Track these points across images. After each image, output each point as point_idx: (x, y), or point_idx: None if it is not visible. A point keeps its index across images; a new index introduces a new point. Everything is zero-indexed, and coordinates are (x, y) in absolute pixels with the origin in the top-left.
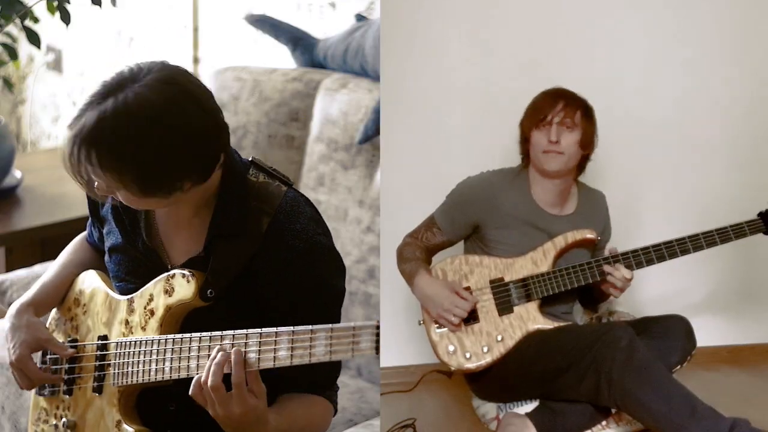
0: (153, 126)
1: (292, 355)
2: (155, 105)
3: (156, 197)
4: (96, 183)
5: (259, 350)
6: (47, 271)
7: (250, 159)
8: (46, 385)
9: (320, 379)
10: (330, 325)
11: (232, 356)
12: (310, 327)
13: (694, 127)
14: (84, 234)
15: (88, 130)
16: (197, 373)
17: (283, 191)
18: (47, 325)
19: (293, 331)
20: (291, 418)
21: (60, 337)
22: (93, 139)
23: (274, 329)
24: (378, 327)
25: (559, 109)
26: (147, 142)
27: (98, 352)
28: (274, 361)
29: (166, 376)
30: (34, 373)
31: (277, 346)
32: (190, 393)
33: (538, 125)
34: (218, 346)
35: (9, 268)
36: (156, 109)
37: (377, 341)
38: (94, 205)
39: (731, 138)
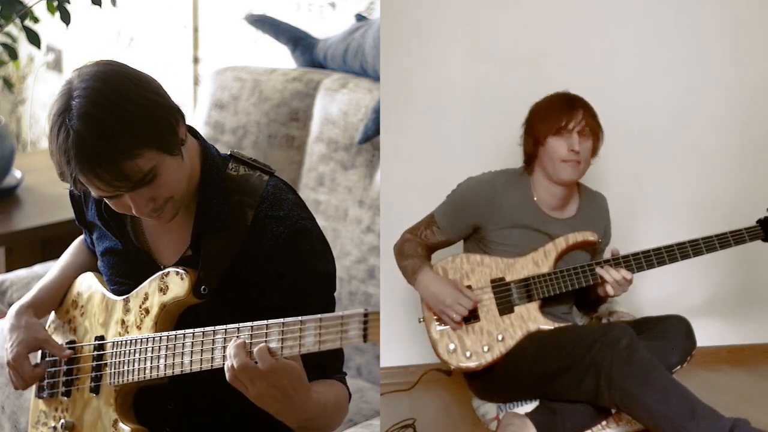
0: (116, 108)
1: (282, 347)
2: (102, 90)
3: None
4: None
5: (251, 343)
6: (48, 273)
7: (228, 153)
8: (45, 386)
9: (329, 365)
10: (319, 316)
11: (256, 352)
12: (299, 318)
13: (694, 131)
14: (83, 236)
15: (79, 161)
16: (191, 370)
17: (265, 181)
18: (46, 328)
19: (283, 323)
20: (323, 395)
21: (59, 340)
22: (88, 161)
23: (264, 322)
24: (366, 315)
25: (580, 118)
26: (123, 124)
27: (95, 353)
28: None
29: (161, 374)
30: (28, 373)
31: (268, 338)
32: (227, 379)
33: (558, 132)
34: (236, 340)
35: (9, 268)
36: (104, 93)
37: (365, 329)
38: (79, 211)
39: (731, 143)
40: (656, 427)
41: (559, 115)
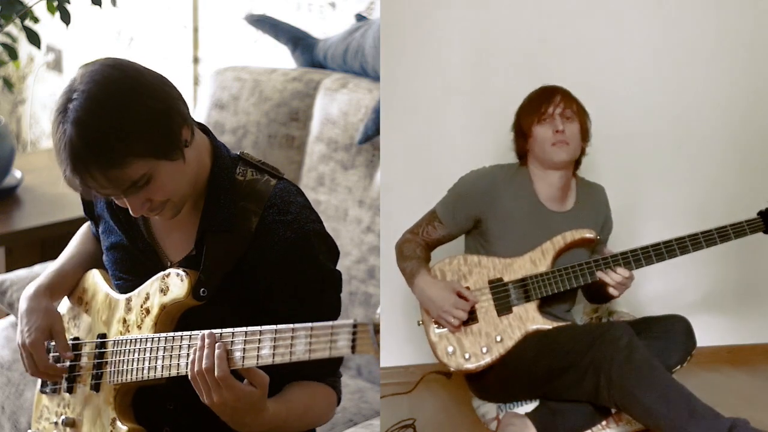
0: (109, 111)
1: (273, 354)
2: (97, 96)
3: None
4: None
5: (244, 348)
6: (60, 257)
7: (237, 153)
8: (49, 382)
9: (321, 367)
10: (310, 324)
11: (216, 350)
12: (291, 326)
13: (694, 126)
14: (88, 224)
15: (76, 158)
16: (187, 372)
17: (272, 185)
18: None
19: (276, 330)
20: (290, 404)
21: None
22: (77, 167)
23: (258, 328)
24: (355, 326)
25: (558, 101)
26: (115, 122)
27: (97, 350)
28: (257, 360)
29: (158, 374)
30: (43, 362)
31: (261, 344)
32: (189, 377)
33: (540, 120)
34: (201, 334)
35: (9, 268)
36: (98, 100)
37: (354, 341)
38: (88, 204)
39: (731, 137)
40: (656, 427)
41: (539, 104)
